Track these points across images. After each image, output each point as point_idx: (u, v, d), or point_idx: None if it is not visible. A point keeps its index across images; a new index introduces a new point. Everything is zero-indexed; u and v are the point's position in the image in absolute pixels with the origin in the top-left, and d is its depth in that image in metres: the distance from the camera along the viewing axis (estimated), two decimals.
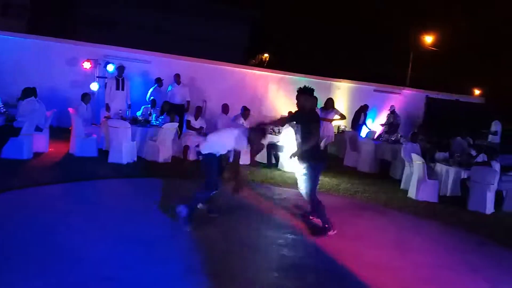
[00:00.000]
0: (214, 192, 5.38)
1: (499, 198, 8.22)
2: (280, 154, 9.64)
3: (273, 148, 9.76)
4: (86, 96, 9.19)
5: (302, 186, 5.64)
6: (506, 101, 22.48)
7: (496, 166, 7.99)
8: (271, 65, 26.03)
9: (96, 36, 14.54)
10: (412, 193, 8.35)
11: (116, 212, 5.66)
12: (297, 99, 5.69)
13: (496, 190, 8.02)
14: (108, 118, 9.07)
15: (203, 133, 9.46)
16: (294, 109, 13.04)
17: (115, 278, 3.85)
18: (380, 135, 12.01)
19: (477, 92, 29.76)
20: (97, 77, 11.46)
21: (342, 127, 13.01)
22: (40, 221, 4.95)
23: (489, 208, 7.80)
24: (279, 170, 9.36)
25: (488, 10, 27.62)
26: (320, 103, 11.32)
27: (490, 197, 7.82)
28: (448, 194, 8.62)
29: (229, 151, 5.34)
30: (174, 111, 9.94)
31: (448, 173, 8.76)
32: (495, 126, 13.91)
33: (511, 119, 19.19)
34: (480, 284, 4.68)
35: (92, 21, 17.28)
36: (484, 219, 7.32)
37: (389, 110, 13.23)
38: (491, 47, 29.19)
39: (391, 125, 12.48)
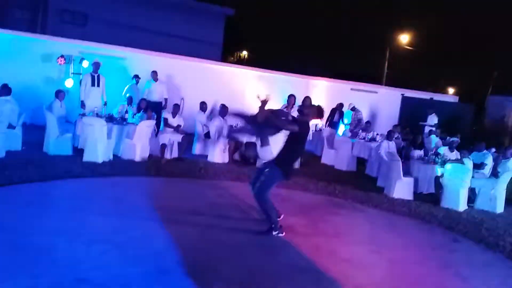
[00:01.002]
0: None
1: (472, 195, 8.44)
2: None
3: (251, 147, 9.77)
4: (60, 93, 9.01)
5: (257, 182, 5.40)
6: (479, 99, 23.04)
7: (469, 163, 8.18)
8: (249, 63, 26.04)
9: (68, 31, 14.22)
10: (388, 191, 8.48)
11: (90, 212, 5.56)
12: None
13: (469, 187, 8.22)
14: (83, 115, 8.91)
15: (180, 130, 9.40)
16: (271, 107, 13.05)
17: (88, 280, 3.79)
18: (356, 133, 12.15)
19: (451, 90, 30.36)
20: (72, 73, 11.25)
21: (319, 125, 13.11)
22: (12, 222, 4.84)
23: (462, 205, 7.98)
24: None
25: (462, 10, 28.24)
26: (298, 101, 11.39)
27: (463, 194, 8.00)
28: (423, 192, 8.79)
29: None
30: (152, 108, 9.84)
31: (423, 170, 8.92)
32: (431, 119, 14.13)
33: (482, 118, 19.72)
34: (452, 280, 4.78)
35: (64, 16, 16.92)
36: (458, 216, 7.47)
37: (349, 108, 13.38)
38: (465, 46, 29.85)
39: (358, 122, 12.82)
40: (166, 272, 4.10)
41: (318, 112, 5.65)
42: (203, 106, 10.21)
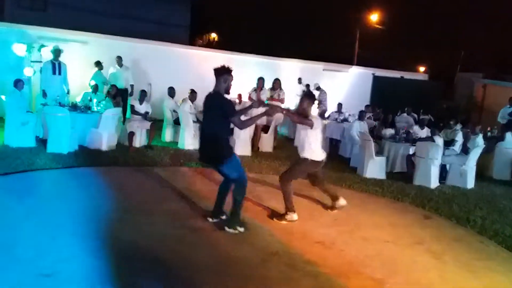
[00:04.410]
0: None
1: (443, 172, 8.51)
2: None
3: None
4: (19, 82, 8.57)
5: None
6: (448, 77, 23.35)
7: (439, 141, 8.22)
8: (219, 45, 25.60)
9: (26, 18, 13.55)
10: (361, 171, 8.47)
11: (55, 204, 5.33)
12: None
13: (440, 164, 8.27)
14: (45, 105, 8.53)
15: (148, 117, 9.12)
16: (242, 90, 12.81)
17: (51, 273, 3.61)
18: (329, 115, 12.09)
19: (421, 69, 30.69)
20: (31, 61, 10.74)
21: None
22: None
23: (434, 182, 8.04)
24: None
25: None
26: (268, 83, 11.23)
27: (435, 171, 8.05)
28: (395, 170, 8.83)
29: None
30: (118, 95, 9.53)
31: (395, 149, 8.94)
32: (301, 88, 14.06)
33: (451, 95, 20.01)
34: (424, 256, 4.77)
35: (22, 1, 16.17)
36: (429, 193, 7.52)
37: (314, 88, 13.15)
38: (434, 24, 30.18)
39: (319, 103, 12.83)
40: (128, 259, 3.93)
41: None
42: (171, 91, 9.94)
